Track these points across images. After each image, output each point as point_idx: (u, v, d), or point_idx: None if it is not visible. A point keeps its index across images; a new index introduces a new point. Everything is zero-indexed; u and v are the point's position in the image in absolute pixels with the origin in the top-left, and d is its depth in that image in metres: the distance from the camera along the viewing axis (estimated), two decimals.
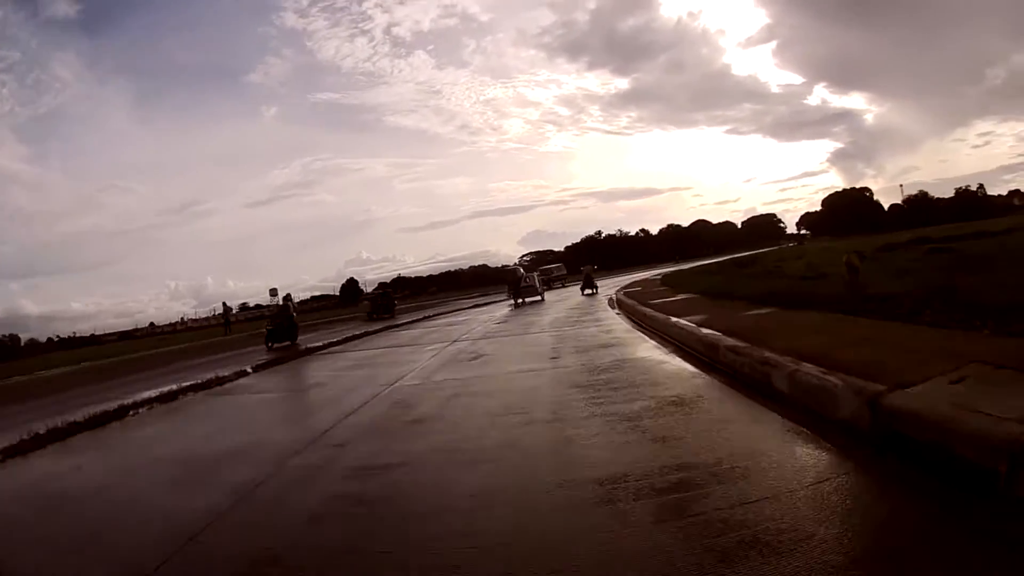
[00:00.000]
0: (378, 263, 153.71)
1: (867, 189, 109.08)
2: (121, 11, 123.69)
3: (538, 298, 22.45)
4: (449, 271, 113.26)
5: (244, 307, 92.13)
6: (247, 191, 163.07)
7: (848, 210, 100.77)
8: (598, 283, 24.13)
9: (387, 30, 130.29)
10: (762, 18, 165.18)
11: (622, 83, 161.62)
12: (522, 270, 25.16)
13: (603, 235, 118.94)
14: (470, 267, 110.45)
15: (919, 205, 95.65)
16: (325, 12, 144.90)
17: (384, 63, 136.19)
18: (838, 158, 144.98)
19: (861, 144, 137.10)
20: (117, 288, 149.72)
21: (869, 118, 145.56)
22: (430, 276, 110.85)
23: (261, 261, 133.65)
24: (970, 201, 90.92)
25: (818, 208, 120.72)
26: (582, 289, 22.07)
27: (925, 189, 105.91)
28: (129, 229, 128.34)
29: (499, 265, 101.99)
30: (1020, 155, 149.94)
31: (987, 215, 73.96)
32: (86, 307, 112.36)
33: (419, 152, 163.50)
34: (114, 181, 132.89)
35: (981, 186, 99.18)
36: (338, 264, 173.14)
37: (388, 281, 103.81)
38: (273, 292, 17.47)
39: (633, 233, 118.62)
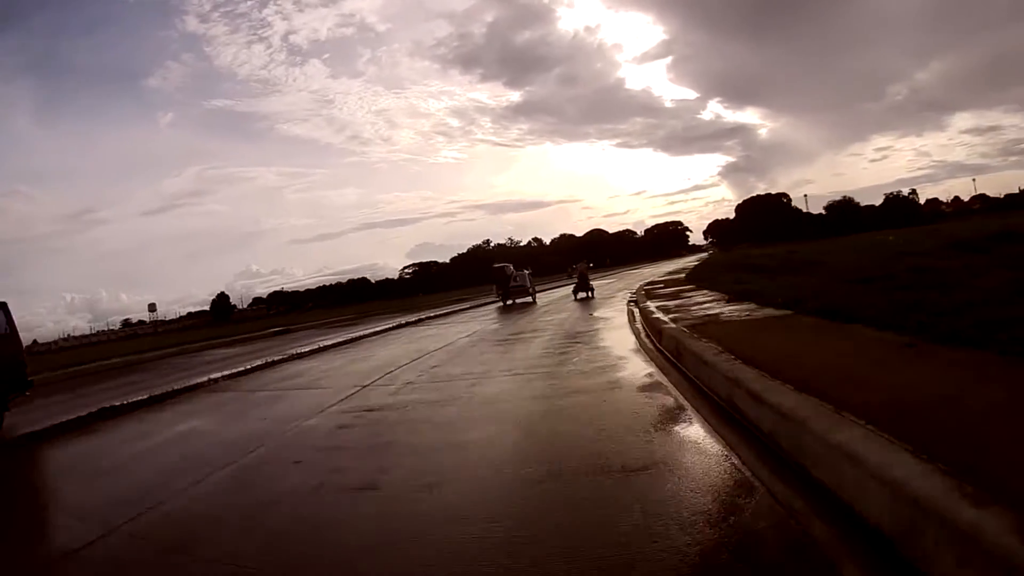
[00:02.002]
0: (267, 276, 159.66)
1: (784, 195, 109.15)
2: (20, 11, 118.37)
3: (529, 299, 20.72)
4: (326, 285, 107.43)
5: (127, 323, 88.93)
6: (142, 199, 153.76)
7: (765, 217, 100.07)
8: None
9: (285, 37, 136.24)
10: (659, 34, 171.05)
11: (514, 96, 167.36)
12: (512, 267, 22.49)
13: (492, 244, 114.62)
14: (349, 281, 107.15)
15: (843, 212, 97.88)
16: (226, 17, 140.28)
17: (279, 71, 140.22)
18: (730, 171, 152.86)
19: (754, 158, 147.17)
20: (18, 300, 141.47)
21: (763, 133, 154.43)
22: (316, 289, 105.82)
23: (154, 273, 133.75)
24: (902, 207, 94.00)
25: (712, 219, 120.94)
26: (575, 292, 18.78)
27: (820, 201, 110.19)
28: (27, 237, 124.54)
29: (382, 278, 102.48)
30: (919, 168, 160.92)
31: (919, 221, 77.51)
32: None
33: (310, 162, 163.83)
34: (17, 187, 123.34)
35: (913, 191, 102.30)
36: (228, 277, 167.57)
37: (264, 296, 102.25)
38: (152, 307, 12.86)
39: (524, 243, 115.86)
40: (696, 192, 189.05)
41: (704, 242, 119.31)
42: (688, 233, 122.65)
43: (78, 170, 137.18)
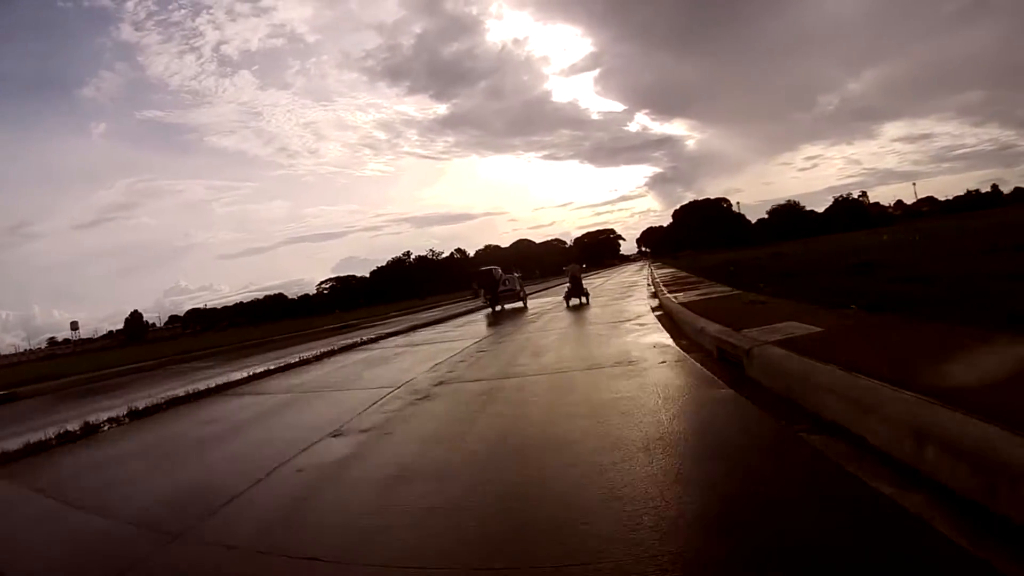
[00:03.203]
0: (195, 292, 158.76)
1: (724, 200, 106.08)
2: None
3: (519, 304, 19.61)
4: (243, 303, 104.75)
5: (52, 341, 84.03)
6: (75, 212, 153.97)
7: (704, 223, 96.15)
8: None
9: (216, 48, 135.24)
10: (587, 46, 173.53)
11: (441, 108, 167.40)
12: (500, 271, 21.30)
13: (413, 256, 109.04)
14: (266, 297, 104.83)
15: (787, 216, 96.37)
16: (160, 26, 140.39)
17: (210, 82, 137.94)
18: (656, 182, 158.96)
19: (681, 168, 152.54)
20: None
21: (691, 143, 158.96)
22: (234, 306, 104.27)
23: (86, 289, 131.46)
24: (852, 211, 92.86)
25: (639, 229, 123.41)
26: (567, 299, 16.57)
27: (746, 210, 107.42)
28: None
29: (300, 294, 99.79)
30: (848, 176, 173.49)
31: (869, 224, 77.87)
32: None
33: (238, 174, 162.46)
34: None
35: (864, 193, 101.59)
36: (157, 293, 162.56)
37: (181, 315, 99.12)
38: (74, 326, 14.50)
39: (447, 254, 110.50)
40: (623, 203, 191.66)
41: (636, 251, 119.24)
42: (621, 241, 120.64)
43: (11, 181, 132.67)
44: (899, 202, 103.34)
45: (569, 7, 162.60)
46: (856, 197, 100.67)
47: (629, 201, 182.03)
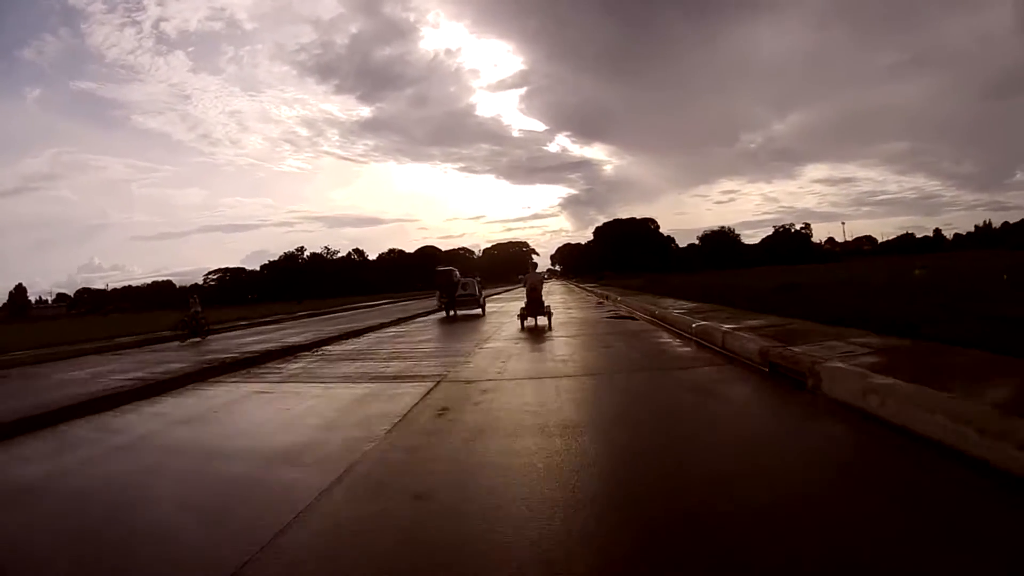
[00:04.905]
0: (108, 272, 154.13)
1: (651, 220, 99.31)
2: None
3: (478, 311, 18.39)
4: (131, 286, 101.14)
5: None
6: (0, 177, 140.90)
7: (628, 244, 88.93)
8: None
9: (156, 24, 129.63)
10: (517, 64, 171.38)
11: (365, 111, 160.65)
12: (458, 273, 19.97)
13: (307, 253, 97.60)
14: (151, 283, 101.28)
15: (720, 244, 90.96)
16: None
17: (145, 59, 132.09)
18: (571, 203, 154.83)
19: (597, 192, 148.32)
20: None
21: (609, 168, 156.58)
22: (122, 289, 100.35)
23: (2, 259, 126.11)
24: (794, 244, 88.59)
25: (555, 246, 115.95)
26: (522, 318, 12.02)
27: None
28: None
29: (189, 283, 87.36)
30: (764, 212, 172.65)
31: (816, 259, 74.87)
32: None
33: (159, 157, 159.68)
34: None
35: (807, 225, 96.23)
36: (71, 268, 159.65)
37: (70, 295, 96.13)
38: None
39: (344, 254, 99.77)
40: (535, 221, 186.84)
41: (545, 270, 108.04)
42: (535, 256, 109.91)
43: None
44: (831, 239, 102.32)
45: (504, 23, 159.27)
46: (799, 229, 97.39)
47: (542, 219, 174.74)
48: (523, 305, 12.27)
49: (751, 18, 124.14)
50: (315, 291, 72.97)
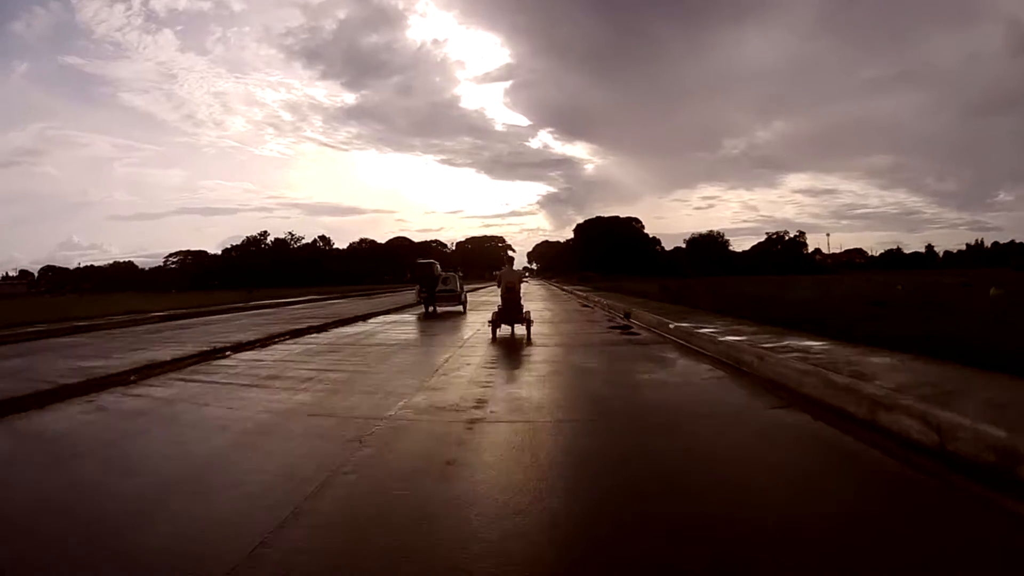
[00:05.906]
0: (86, 250, 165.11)
1: (635, 219, 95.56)
2: None
3: (458, 307, 17.52)
4: (94, 266, 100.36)
5: None
6: None
7: (611, 244, 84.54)
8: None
9: (146, 1, 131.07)
10: (504, 57, 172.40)
11: (349, 98, 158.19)
12: (439, 267, 18.98)
13: (270, 238, 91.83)
14: (113, 263, 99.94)
15: (707, 249, 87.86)
16: None
17: (133, 36, 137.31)
18: (549, 201, 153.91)
19: (576, 191, 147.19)
20: None
21: (589, 168, 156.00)
22: (85, 268, 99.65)
23: None
24: (788, 252, 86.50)
25: (531, 244, 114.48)
26: (494, 325, 9.87)
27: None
28: None
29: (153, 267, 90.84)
30: (743, 220, 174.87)
31: (811, 270, 72.99)
32: None
33: (143, 136, 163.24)
34: None
35: (801, 233, 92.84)
36: (51, 246, 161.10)
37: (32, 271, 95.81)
38: None
39: (309, 241, 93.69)
40: (513, 218, 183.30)
41: (523, 267, 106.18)
42: (511, 253, 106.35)
43: None
44: (818, 250, 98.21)
45: (494, 15, 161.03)
46: (793, 237, 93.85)
47: (520, 217, 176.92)
48: (496, 309, 10.32)
49: (738, 24, 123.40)
50: (274, 280, 68.11)
